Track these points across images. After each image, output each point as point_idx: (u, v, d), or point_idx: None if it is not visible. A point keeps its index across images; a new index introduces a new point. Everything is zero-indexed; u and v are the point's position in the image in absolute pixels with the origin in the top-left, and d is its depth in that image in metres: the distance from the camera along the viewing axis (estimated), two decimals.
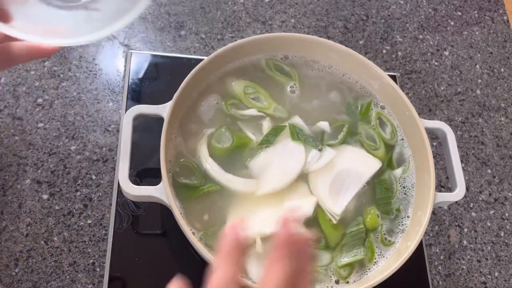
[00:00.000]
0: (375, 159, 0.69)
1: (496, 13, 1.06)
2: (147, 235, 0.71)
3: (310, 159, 0.67)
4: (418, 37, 0.99)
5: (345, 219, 0.66)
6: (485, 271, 0.80)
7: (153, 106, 0.65)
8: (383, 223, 0.67)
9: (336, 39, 0.95)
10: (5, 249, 0.68)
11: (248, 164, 0.67)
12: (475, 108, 0.94)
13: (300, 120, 0.70)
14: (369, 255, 0.64)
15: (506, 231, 0.84)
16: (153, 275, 0.68)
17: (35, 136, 0.76)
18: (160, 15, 0.91)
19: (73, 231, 0.71)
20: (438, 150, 0.88)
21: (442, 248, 0.80)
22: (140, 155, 0.72)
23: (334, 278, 0.63)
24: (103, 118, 0.79)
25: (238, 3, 0.95)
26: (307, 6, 0.98)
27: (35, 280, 0.67)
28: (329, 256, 0.64)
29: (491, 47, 1.01)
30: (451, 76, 0.96)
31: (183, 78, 0.66)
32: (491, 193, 0.87)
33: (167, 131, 0.63)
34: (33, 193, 0.72)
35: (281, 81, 0.74)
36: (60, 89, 0.80)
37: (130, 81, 0.81)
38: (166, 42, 0.88)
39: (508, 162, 0.90)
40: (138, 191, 0.60)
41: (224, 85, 0.72)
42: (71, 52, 0.84)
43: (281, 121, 0.71)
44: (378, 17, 1.00)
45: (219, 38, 0.90)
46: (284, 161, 0.66)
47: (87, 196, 0.74)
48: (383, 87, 0.73)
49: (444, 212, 0.83)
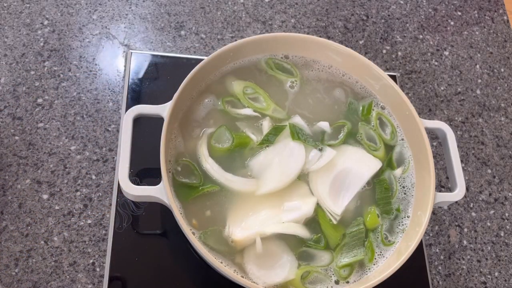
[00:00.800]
0: (375, 159, 0.69)
1: (496, 13, 1.06)
2: (147, 235, 0.71)
3: (310, 159, 0.67)
4: (418, 37, 0.99)
5: (345, 220, 0.66)
6: (485, 271, 0.80)
7: (153, 106, 0.65)
8: (383, 223, 0.67)
9: (336, 39, 0.95)
10: (5, 249, 0.68)
11: (248, 164, 0.67)
12: (475, 108, 0.94)
13: (300, 120, 0.70)
14: (369, 255, 0.64)
15: (506, 231, 0.84)
16: (153, 275, 0.68)
17: (35, 136, 0.76)
18: (160, 15, 0.91)
19: (73, 231, 0.71)
20: (438, 150, 0.88)
21: (442, 248, 0.80)
22: (140, 155, 0.72)
23: (334, 278, 0.63)
24: (103, 118, 0.79)
25: (238, 3, 0.95)
26: (307, 6, 0.98)
27: (35, 280, 0.67)
28: (329, 256, 0.64)
29: (491, 47, 1.01)
30: (451, 76, 0.96)
31: (183, 78, 0.66)
32: (491, 193, 0.87)
33: (167, 131, 0.63)
34: (33, 193, 0.72)
35: (281, 79, 0.74)
36: (60, 89, 0.80)
37: (130, 81, 0.81)
38: (166, 42, 0.88)
39: (508, 162, 0.90)
40: (138, 191, 0.60)
41: (224, 85, 0.72)
42: (71, 52, 0.84)
43: (280, 122, 0.71)
44: (378, 17, 1.00)
45: (219, 38, 0.90)
46: (284, 161, 0.66)
47: (87, 196, 0.74)
48: (383, 87, 0.73)
49: (444, 212, 0.83)
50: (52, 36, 0.85)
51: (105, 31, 0.87)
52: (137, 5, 0.91)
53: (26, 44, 0.83)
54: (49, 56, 0.83)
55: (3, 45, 0.82)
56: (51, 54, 0.83)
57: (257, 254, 0.61)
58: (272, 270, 0.61)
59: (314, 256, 0.64)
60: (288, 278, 0.61)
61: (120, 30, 0.88)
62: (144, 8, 0.91)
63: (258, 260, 0.61)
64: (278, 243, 0.63)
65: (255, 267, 0.61)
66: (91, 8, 0.89)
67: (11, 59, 0.81)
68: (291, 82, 0.74)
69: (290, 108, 0.72)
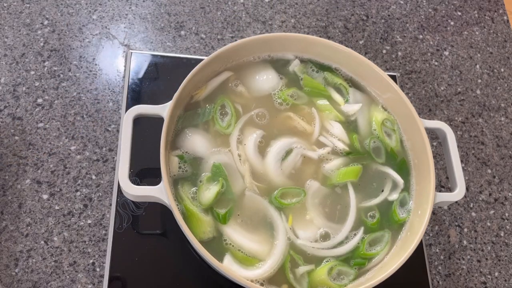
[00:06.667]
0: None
1: (496, 13, 1.06)
2: (147, 235, 0.71)
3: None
4: (418, 37, 0.99)
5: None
6: (485, 271, 0.80)
7: (153, 106, 0.65)
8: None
9: (336, 39, 0.95)
10: (5, 249, 0.68)
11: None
12: (475, 108, 0.94)
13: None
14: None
15: (506, 231, 0.84)
16: (153, 275, 0.68)
17: (35, 136, 0.76)
18: (160, 15, 0.91)
19: (73, 231, 0.71)
20: (438, 150, 0.88)
21: (442, 248, 0.80)
22: (140, 155, 0.72)
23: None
24: (103, 118, 0.79)
25: (238, 3, 0.95)
26: (307, 6, 0.98)
27: (35, 280, 0.67)
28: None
29: (491, 47, 1.01)
30: (451, 76, 0.96)
31: (183, 78, 0.66)
32: (491, 193, 0.87)
33: (167, 131, 0.63)
34: (33, 193, 0.72)
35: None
36: (60, 89, 0.80)
37: (130, 81, 0.81)
38: (166, 42, 0.88)
39: (508, 162, 0.90)
40: (138, 191, 0.60)
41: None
42: (71, 52, 0.84)
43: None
44: (378, 17, 1.00)
45: (219, 38, 0.90)
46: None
47: (87, 196, 0.74)
48: (383, 88, 0.73)
49: (444, 212, 0.83)
50: (52, 36, 0.85)
51: (105, 31, 0.87)
52: (137, 5, 0.91)
53: (26, 44, 0.83)
54: (49, 56, 0.83)
55: (3, 45, 0.82)
56: (51, 54, 0.83)
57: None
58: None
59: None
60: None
61: (120, 30, 0.88)
62: (144, 8, 0.91)
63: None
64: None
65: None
66: (91, 8, 0.89)
67: (11, 59, 0.81)
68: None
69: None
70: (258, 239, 0.63)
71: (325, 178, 0.68)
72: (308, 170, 0.68)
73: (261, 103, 0.72)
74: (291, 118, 0.71)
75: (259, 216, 0.64)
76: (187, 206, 0.62)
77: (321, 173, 0.68)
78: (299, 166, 0.68)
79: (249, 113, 0.70)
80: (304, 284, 0.62)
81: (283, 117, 0.71)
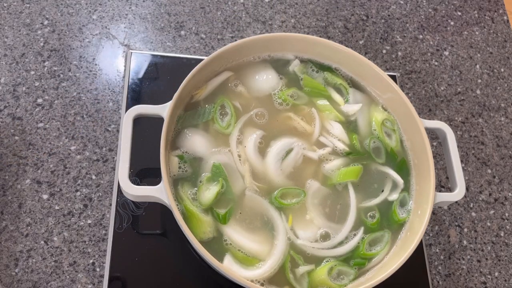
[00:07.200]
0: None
1: (496, 13, 1.06)
2: (147, 235, 0.71)
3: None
4: (418, 37, 0.99)
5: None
6: (485, 271, 0.80)
7: (153, 106, 0.65)
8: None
9: (336, 39, 0.95)
10: (5, 249, 0.68)
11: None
12: (475, 108, 0.94)
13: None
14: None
15: (506, 231, 0.84)
16: (153, 275, 0.68)
17: (35, 136, 0.76)
18: (160, 15, 0.91)
19: (73, 231, 0.71)
20: (438, 150, 0.88)
21: (442, 248, 0.80)
22: (140, 155, 0.72)
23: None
24: (103, 118, 0.79)
25: (238, 3, 0.95)
26: (307, 6, 0.98)
27: (35, 280, 0.67)
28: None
29: (491, 47, 1.01)
30: (451, 76, 0.96)
31: (183, 78, 0.66)
32: (491, 193, 0.87)
33: (167, 131, 0.63)
34: (33, 193, 0.72)
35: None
36: (60, 89, 0.80)
37: (130, 81, 0.81)
38: (166, 42, 0.88)
39: (508, 162, 0.90)
40: (138, 191, 0.60)
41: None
42: (71, 52, 0.84)
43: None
44: (378, 17, 1.00)
45: (219, 38, 0.90)
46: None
47: (87, 196, 0.74)
48: (383, 88, 0.73)
49: (444, 212, 0.83)
50: (52, 36, 0.85)
51: (105, 31, 0.87)
52: (137, 5, 0.91)
53: (26, 44, 0.83)
54: (49, 56, 0.83)
55: (3, 45, 0.82)
56: (51, 54, 0.83)
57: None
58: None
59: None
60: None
61: (120, 30, 0.88)
62: (144, 8, 0.91)
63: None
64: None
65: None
66: (91, 8, 0.89)
67: (11, 59, 0.81)
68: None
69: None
70: (258, 239, 0.63)
71: (325, 178, 0.68)
72: (308, 170, 0.68)
73: (261, 103, 0.72)
74: (291, 118, 0.71)
75: (259, 216, 0.64)
76: (187, 206, 0.62)
77: (321, 173, 0.68)
78: (299, 166, 0.68)
79: (249, 113, 0.70)
80: (304, 284, 0.62)
81: (283, 117, 0.71)
